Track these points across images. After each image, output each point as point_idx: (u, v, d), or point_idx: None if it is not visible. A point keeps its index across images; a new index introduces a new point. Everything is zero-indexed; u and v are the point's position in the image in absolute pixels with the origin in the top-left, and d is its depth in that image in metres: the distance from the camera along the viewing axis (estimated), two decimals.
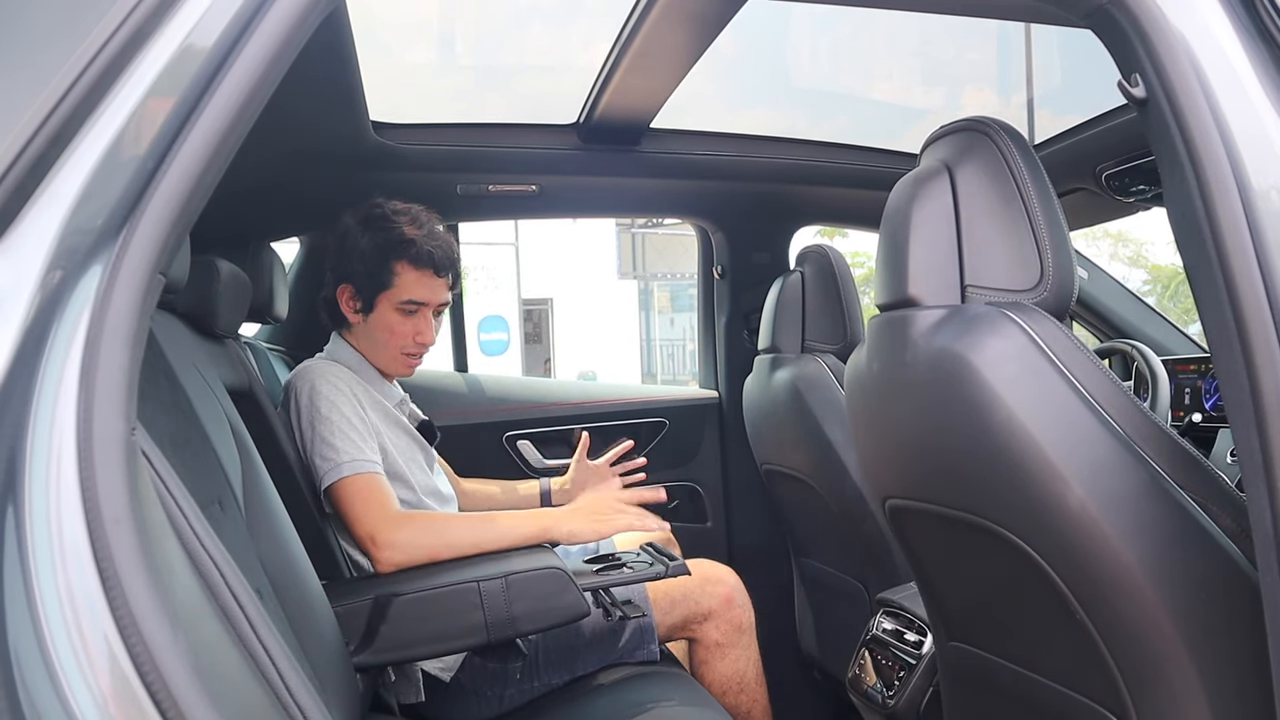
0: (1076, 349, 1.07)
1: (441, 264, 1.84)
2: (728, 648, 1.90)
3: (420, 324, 1.86)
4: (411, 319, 1.85)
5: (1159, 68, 0.93)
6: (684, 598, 1.87)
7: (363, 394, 1.81)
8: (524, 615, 1.55)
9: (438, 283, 1.85)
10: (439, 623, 1.55)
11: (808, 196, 2.76)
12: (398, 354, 1.87)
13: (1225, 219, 0.88)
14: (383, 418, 1.84)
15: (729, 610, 1.90)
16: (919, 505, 1.29)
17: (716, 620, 1.89)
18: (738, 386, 2.66)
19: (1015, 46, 3.26)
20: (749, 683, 1.93)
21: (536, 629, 1.60)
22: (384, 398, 1.88)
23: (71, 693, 0.62)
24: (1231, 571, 1.01)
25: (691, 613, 1.88)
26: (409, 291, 1.83)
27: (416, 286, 1.83)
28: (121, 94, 0.71)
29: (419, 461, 1.91)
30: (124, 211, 0.70)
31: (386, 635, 1.52)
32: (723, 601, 1.89)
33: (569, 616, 1.58)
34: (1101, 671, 1.09)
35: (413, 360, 1.90)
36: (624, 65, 1.98)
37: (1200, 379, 2.29)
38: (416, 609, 1.54)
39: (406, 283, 1.83)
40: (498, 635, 1.55)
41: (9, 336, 0.66)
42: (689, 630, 1.90)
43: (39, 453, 0.65)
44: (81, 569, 0.63)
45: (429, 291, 1.84)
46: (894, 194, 1.25)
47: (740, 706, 1.93)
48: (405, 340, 1.86)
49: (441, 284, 1.86)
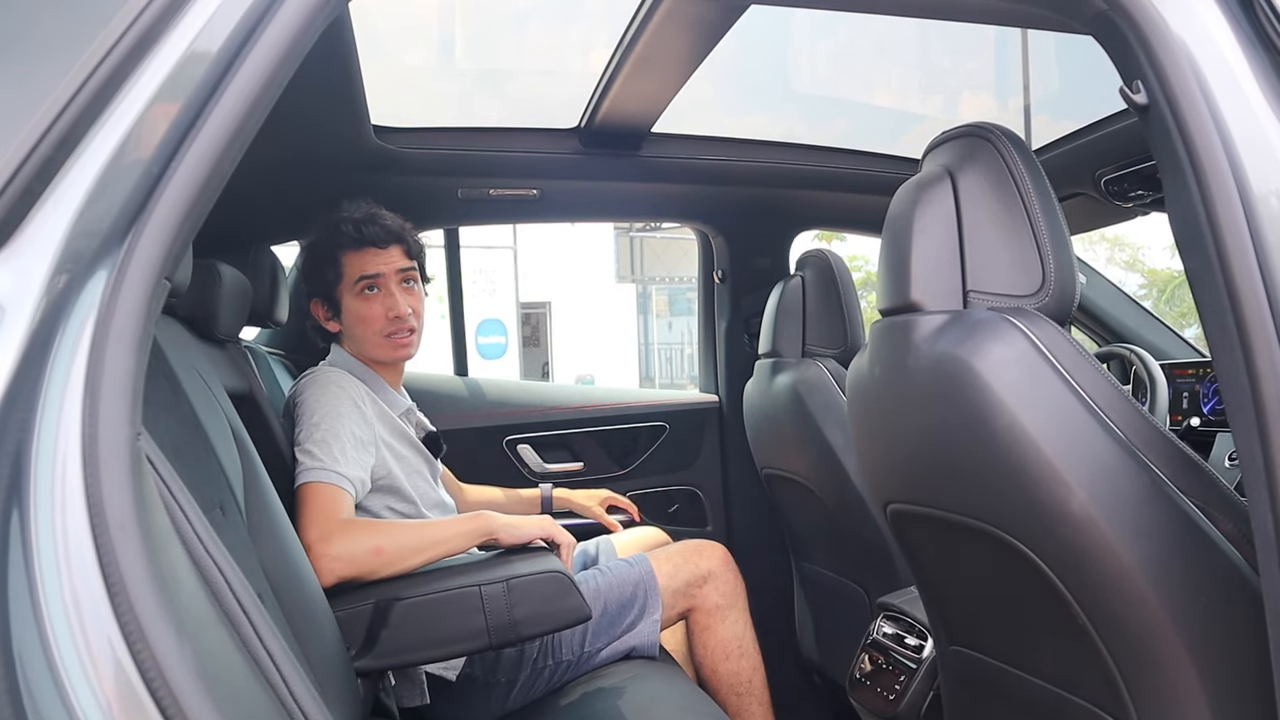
0: (1078, 354, 1.07)
1: (377, 237, 1.83)
2: (726, 609, 1.97)
3: (386, 300, 1.84)
4: (376, 298, 1.84)
5: (1160, 74, 0.93)
6: (685, 562, 1.96)
7: (370, 405, 1.81)
8: (525, 619, 1.54)
9: (384, 254, 1.84)
10: (441, 627, 1.54)
11: (808, 201, 2.77)
12: (380, 339, 1.85)
13: (1226, 224, 0.89)
14: (389, 429, 1.84)
15: (725, 570, 1.99)
16: (920, 509, 1.30)
17: (716, 581, 1.97)
18: (738, 391, 2.66)
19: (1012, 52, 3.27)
20: (748, 647, 2.00)
21: (539, 633, 1.60)
22: (390, 407, 1.87)
23: (76, 698, 0.62)
24: (1232, 575, 1.02)
25: (693, 575, 1.96)
26: (358, 270, 1.83)
27: (363, 264, 1.83)
28: (127, 99, 0.71)
29: (424, 474, 1.90)
30: (130, 216, 0.70)
31: (388, 640, 1.52)
32: (720, 563, 1.99)
33: (571, 620, 1.58)
34: (1103, 675, 1.09)
35: (399, 340, 1.86)
36: (625, 70, 1.98)
37: (1198, 383, 2.29)
38: (418, 613, 1.54)
39: (352, 265, 1.84)
40: (499, 639, 1.55)
41: (15, 341, 0.66)
42: (691, 596, 1.96)
43: (44, 458, 0.64)
44: (86, 574, 0.63)
45: (378, 263, 1.83)
46: (896, 199, 1.26)
47: (742, 672, 1.98)
48: (379, 321, 1.84)
49: (389, 254, 1.84)
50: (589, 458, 2.75)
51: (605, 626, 1.84)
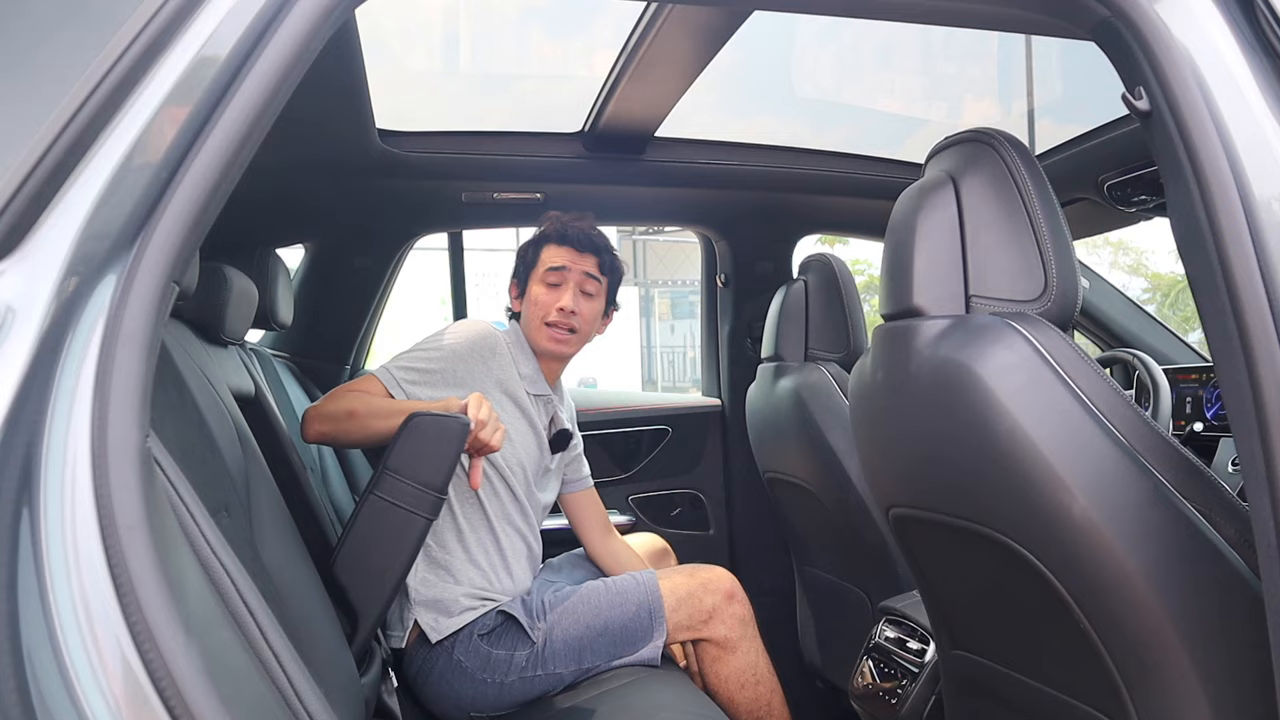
0: (1080, 359, 1.07)
1: (579, 240, 2.00)
2: (737, 641, 1.94)
3: (562, 294, 1.98)
4: (555, 290, 1.99)
5: (1163, 80, 0.94)
6: (689, 596, 1.91)
7: (496, 363, 1.91)
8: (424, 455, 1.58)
9: (579, 256, 2.00)
10: (381, 543, 1.58)
11: (811, 205, 2.77)
12: (541, 325, 1.99)
13: (1228, 230, 0.89)
14: (499, 388, 1.91)
15: (730, 605, 1.94)
16: (923, 514, 1.30)
17: (721, 617, 1.92)
18: (741, 395, 2.66)
19: (1016, 58, 3.28)
20: (763, 673, 1.97)
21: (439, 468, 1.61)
22: (529, 384, 1.97)
23: (85, 697, 0.62)
24: (1234, 581, 1.02)
25: (695, 610, 1.91)
26: (549, 261, 2.00)
27: (556, 257, 2.00)
28: (138, 104, 0.71)
29: (530, 458, 1.96)
30: (139, 220, 0.71)
31: (357, 589, 1.55)
32: (724, 598, 1.93)
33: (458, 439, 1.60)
34: (1104, 679, 1.09)
35: (557, 334, 1.99)
36: (629, 75, 1.99)
37: (1201, 388, 2.29)
38: (354, 548, 1.57)
39: (548, 255, 2.01)
40: (417, 484, 1.57)
41: (25, 343, 0.66)
42: (694, 631, 1.92)
43: (54, 459, 0.65)
44: (96, 575, 0.64)
45: (569, 259, 2.00)
46: (899, 204, 1.26)
47: (760, 698, 1.96)
48: (547, 309, 1.98)
49: (583, 258, 2.00)
50: (592, 461, 2.74)
51: (605, 645, 1.82)
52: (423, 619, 1.80)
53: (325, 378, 2.62)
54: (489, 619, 1.80)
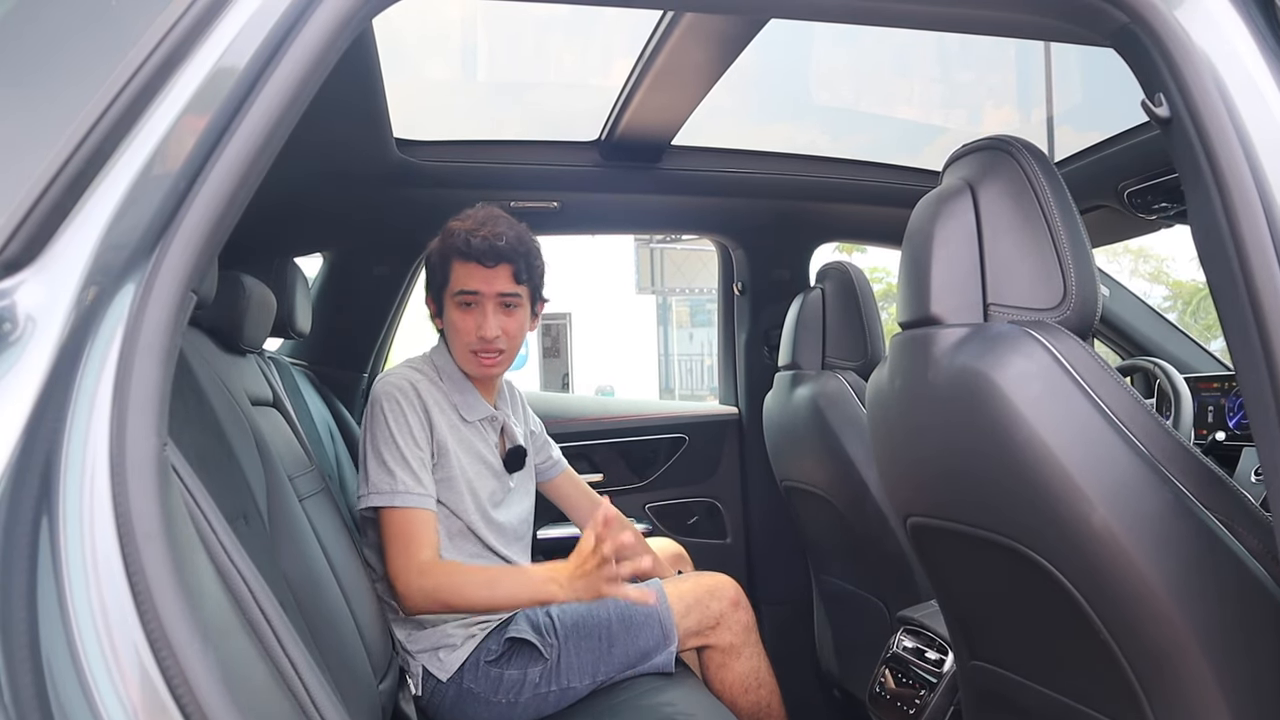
0: (1100, 368, 1.06)
1: (484, 254, 1.81)
2: (741, 647, 1.97)
3: (479, 318, 1.84)
4: (471, 313, 1.85)
5: (1183, 87, 0.93)
6: (696, 603, 1.93)
7: (435, 405, 1.83)
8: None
9: (489, 273, 1.83)
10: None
11: (828, 213, 2.77)
12: (466, 353, 1.87)
13: (1249, 237, 0.88)
14: (452, 433, 1.85)
15: (736, 612, 1.97)
16: (941, 523, 1.29)
17: (727, 623, 1.95)
18: (758, 403, 2.65)
19: (1035, 65, 3.26)
20: (764, 677, 2.00)
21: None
22: (465, 411, 1.89)
23: (102, 703, 0.63)
24: (1257, 592, 1.01)
25: (703, 617, 1.93)
26: (459, 283, 1.85)
27: (466, 278, 1.84)
28: (157, 114, 0.72)
29: (485, 488, 1.90)
30: (158, 229, 0.71)
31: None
32: (730, 605, 1.96)
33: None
34: (1125, 690, 1.08)
35: (484, 359, 1.86)
36: (646, 83, 1.99)
37: (1223, 397, 2.27)
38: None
39: (457, 275, 1.85)
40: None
41: (45, 352, 0.67)
42: (703, 637, 1.94)
43: (73, 467, 0.66)
44: (114, 583, 0.64)
45: (479, 281, 1.83)
46: (916, 212, 1.26)
47: (761, 701, 1.99)
48: (469, 336, 1.85)
49: (494, 274, 1.83)
50: (609, 469, 2.75)
51: (619, 656, 1.82)
52: (429, 665, 1.79)
53: (343, 386, 2.63)
54: (493, 644, 1.79)
